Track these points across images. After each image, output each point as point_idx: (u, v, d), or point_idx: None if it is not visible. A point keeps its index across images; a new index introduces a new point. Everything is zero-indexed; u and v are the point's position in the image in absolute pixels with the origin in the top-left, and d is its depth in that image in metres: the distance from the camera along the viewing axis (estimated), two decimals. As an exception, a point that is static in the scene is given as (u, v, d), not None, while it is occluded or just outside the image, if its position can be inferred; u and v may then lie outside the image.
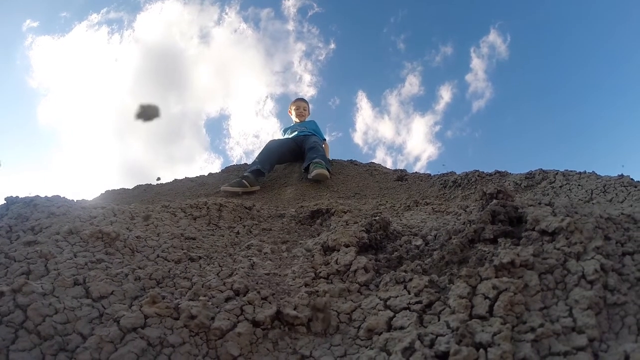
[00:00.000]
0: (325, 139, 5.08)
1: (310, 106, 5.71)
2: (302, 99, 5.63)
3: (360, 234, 1.37)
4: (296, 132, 4.93)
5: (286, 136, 5.08)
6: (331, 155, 4.74)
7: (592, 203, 1.89)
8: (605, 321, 0.89)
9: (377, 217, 1.49)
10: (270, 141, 4.64)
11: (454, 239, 1.21)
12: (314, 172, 3.63)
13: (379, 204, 2.59)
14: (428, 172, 3.98)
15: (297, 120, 5.36)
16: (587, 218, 1.16)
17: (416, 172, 3.82)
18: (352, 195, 3.33)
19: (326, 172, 3.68)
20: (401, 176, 3.66)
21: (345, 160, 4.38)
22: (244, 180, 3.57)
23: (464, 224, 1.28)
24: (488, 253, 1.10)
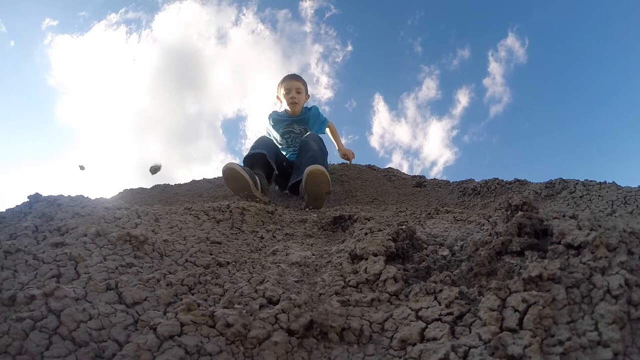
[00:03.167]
0: (328, 123, 4.13)
1: (309, 89, 4.10)
2: (294, 77, 3.94)
3: (388, 242, 1.40)
4: (289, 152, 3.84)
5: (278, 142, 3.92)
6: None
7: (615, 216, 1.90)
8: (628, 335, 0.91)
9: (403, 226, 1.51)
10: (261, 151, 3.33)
11: (481, 250, 1.24)
12: (306, 173, 2.90)
13: (399, 211, 2.62)
14: (445, 177, 4.00)
15: (290, 110, 3.92)
16: (611, 232, 1.18)
17: (434, 178, 3.84)
18: (371, 201, 3.37)
19: (321, 170, 2.87)
20: (420, 182, 3.68)
21: (364, 165, 4.39)
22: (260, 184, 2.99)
23: (490, 235, 1.30)
24: (516, 266, 1.13)
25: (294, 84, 3.86)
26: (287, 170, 3.52)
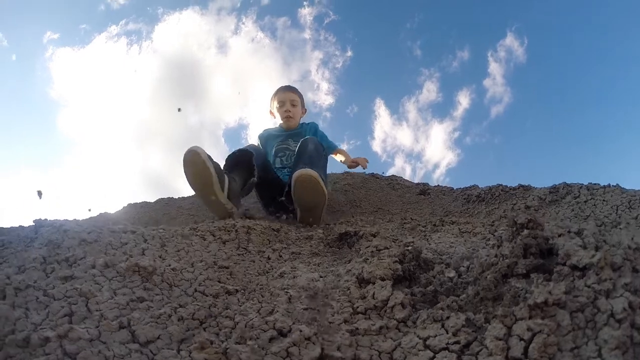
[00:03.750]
0: (336, 147, 3.67)
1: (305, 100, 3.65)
2: (288, 88, 3.53)
3: (395, 265, 1.41)
4: (283, 173, 3.17)
5: (274, 162, 3.33)
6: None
7: (620, 228, 1.91)
8: (631, 360, 0.92)
9: (409, 247, 1.53)
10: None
11: (487, 273, 1.25)
12: (295, 177, 2.49)
13: (404, 222, 2.62)
14: (448, 179, 4.02)
15: (284, 126, 3.51)
16: (616, 249, 1.19)
17: (438, 185, 3.85)
18: (375, 211, 3.37)
19: (309, 174, 2.46)
20: (424, 190, 3.69)
21: (367, 173, 4.38)
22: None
23: (496, 256, 1.31)
24: (521, 290, 1.14)
25: (288, 96, 3.44)
26: (279, 188, 2.94)
